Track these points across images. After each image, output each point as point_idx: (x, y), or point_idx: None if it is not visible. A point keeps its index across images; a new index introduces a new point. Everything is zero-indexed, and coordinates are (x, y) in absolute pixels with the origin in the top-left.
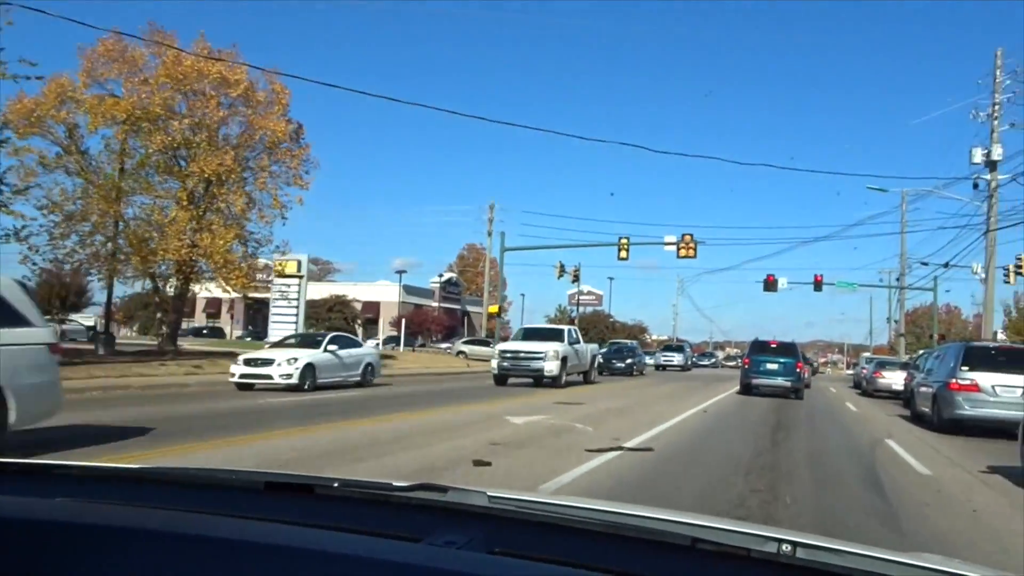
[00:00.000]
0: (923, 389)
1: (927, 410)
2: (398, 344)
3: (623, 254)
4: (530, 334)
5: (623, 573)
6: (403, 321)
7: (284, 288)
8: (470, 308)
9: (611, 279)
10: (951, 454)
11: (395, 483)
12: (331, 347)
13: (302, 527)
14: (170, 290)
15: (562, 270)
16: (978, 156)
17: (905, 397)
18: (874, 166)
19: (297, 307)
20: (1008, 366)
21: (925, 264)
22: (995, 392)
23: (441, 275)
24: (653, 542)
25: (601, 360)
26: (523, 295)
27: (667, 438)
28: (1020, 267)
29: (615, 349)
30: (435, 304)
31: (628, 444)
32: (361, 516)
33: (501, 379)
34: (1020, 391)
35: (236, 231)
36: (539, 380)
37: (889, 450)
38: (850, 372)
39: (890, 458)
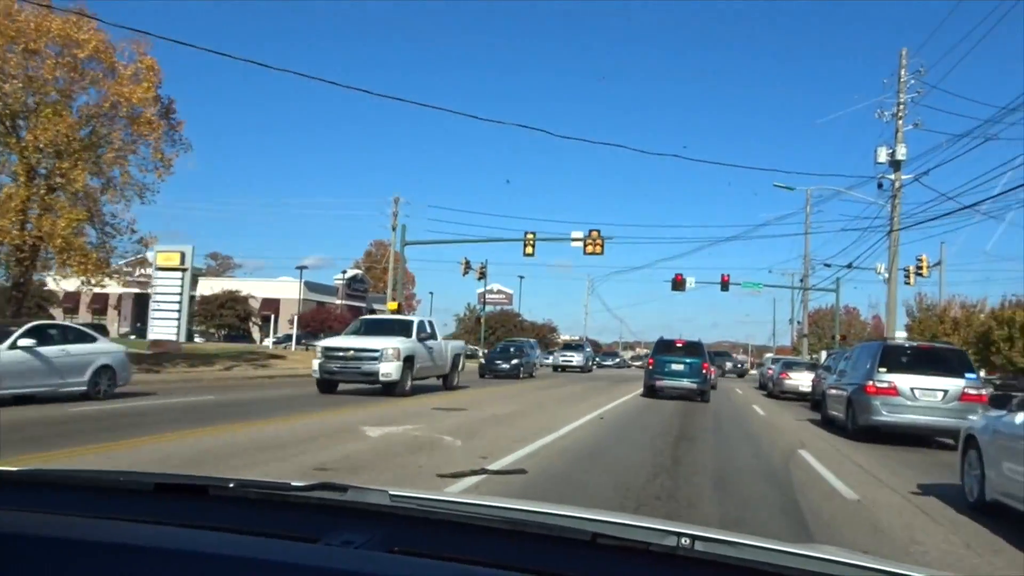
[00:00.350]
0: (835, 392)
1: (840, 415)
2: (291, 342)
3: (529, 250)
4: (371, 327)
5: (524, 569)
6: (296, 318)
7: (166, 283)
8: (376, 306)
9: (521, 278)
10: (873, 468)
11: (293, 483)
12: (25, 342)
13: (194, 529)
14: (5, 280)
15: (467, 266)
16: (883, 156)
17: (815, 399)
18: (783, 164)
19: (180, 303)
20: (927, 367)
21: (828, 266)
22: (914, 396)
23: (344, 272)
24: (554, 538)
25: (483, 361)
26: (431, 293)
27: (549, 454)
28: (920, 268)
29: (499, 349)
30: (339, 302)
31: (495, 465)
32: (257, 517)
33: (326, 385)
34: (941, 394)
35: (83, 213)
36: (389, 388)
37: (805, 465)
38: (754, 372)
39: (808, 476)
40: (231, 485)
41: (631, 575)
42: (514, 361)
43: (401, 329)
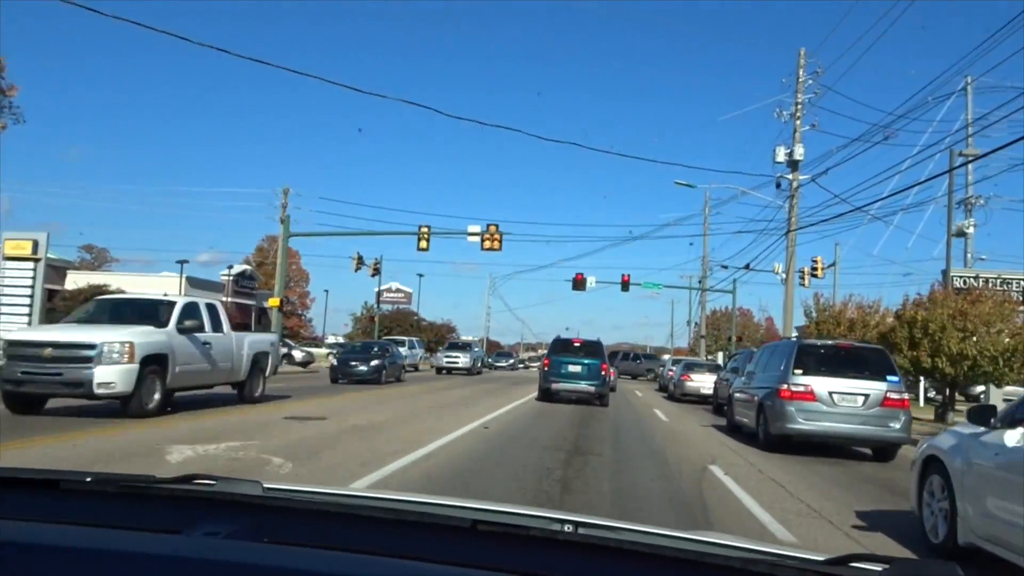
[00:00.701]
0: (743, 397)
1: (749, 422)
2: None
3: (423, 244)
4: (110, 311)
5: (402, 556)
6: None
7: (15, 274)
8: (267, 304)
9: (420, 276)
10: (798, 490)
11: (157, 476)
12: None
13: (45, 524)
14: None
15: (360, 262)
16: (781, 155)
17: (717, 403)
18: (686, 161)
19: (31, 296)
20: (846, 369)
21: (725, 267)
22: (833, 401)
23: (231, 267)
24: (434, 526)
25: (335, 363)
26: (326, 291)
27: (405, 480)
28: (815, 270)
29: (357, 347)
30: (226, 299)
31: None
32: (116, 511)
33: (16, 402)
34: (861, 399)
35: None
36: (122, 404)
37: (720, 487)
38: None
39: (727, 506)
40: (88, 480)
41: (511, 560)
42: (374, 362)
43: (149, 314)
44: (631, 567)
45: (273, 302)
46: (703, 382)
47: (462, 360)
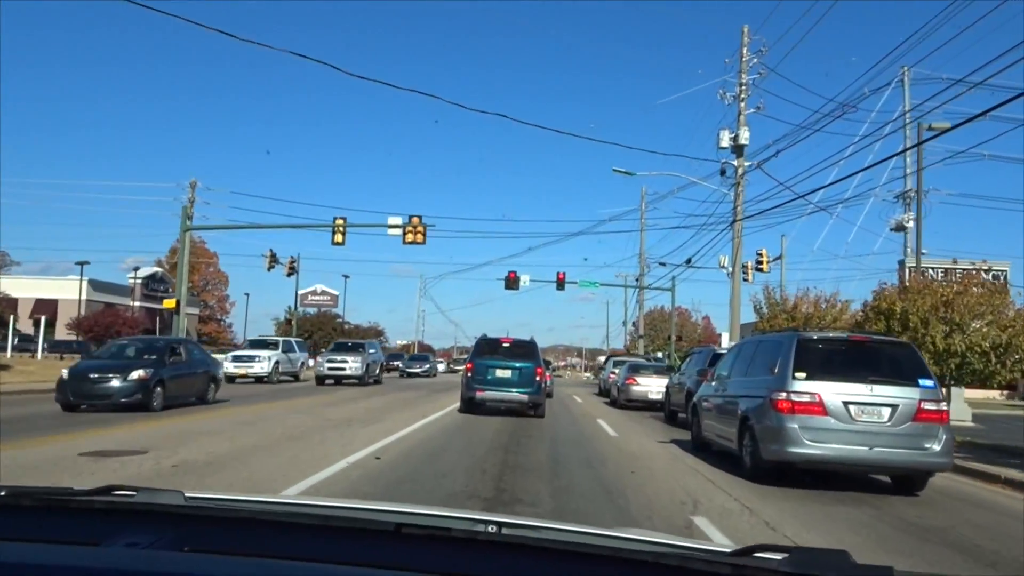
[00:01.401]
0: (716, 407)
1: (727, 442)
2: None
3: (339, 238)
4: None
5: (327, 561)
6: (43, 319)
7: None
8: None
9: (346, 277)
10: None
11: (76, 488)
12: None
13: None
14: None
15: (273, 260)
16: (725, 140)
17: (671, 410)
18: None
19: None
20: (863, 369)
21: (663, 264)
22: (850, 415)
23: (137, 268)
24: (359, 530)
25: (65, 377)
26: (247, 295)
27: None
28: (760, 263)
29: (110, 350)
30: (135, 303)
31: None
32: (31, 525)
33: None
34: (887, 411)
35: None
36: None
37: None
38: (588, 375)
39: None
40: (2, 493)
41: (435, 561)
42: (136, 375)
43: None
44: (551, 564)
45: (168, 303)
46: (651, 386)
47: (351, 365)
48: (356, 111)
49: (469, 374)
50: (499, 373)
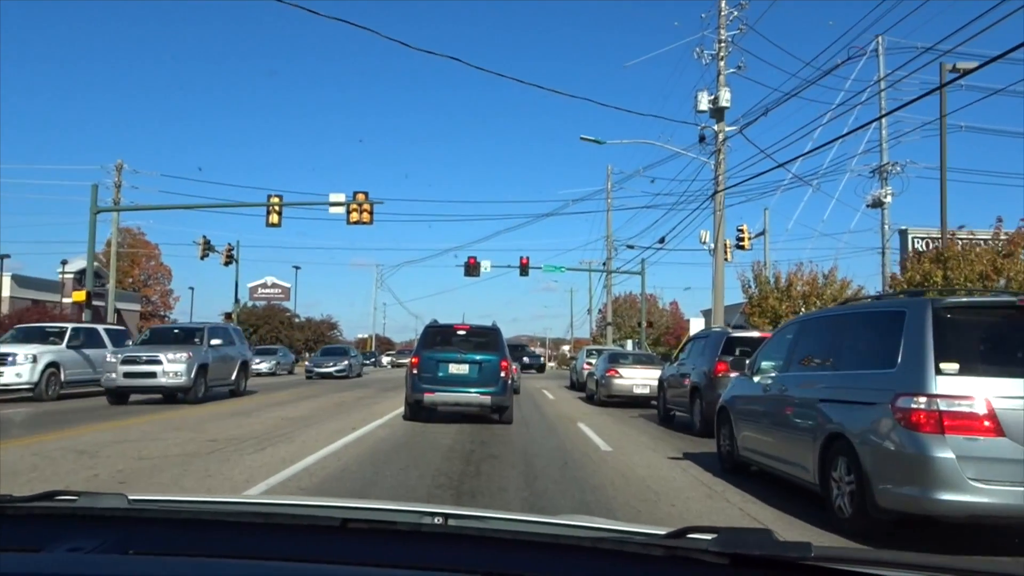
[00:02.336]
0: (757, 413)
1: (793, 469)
2: None
3: (274, 219)
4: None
5: (273, 558)
6: None
7: None
8: (120, 305)
9: (297, 268)
10: None
11: (14, 495)
12: None
13: None
14: None
15: (207, 247)
16: (704, 103)
17: (667, 409)
18: (590, 115)
19: None
20: None
21: (631, 247)
22: None
23: (64, 262)
24: (304, 527)
25: None
26: (191, 288)
27: None
28: (741, 240)
29: None
30: (67, 300)
31: None
32: None
33: None
34: None
35: None
36: None
37: None
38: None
39: None
40: None
41: (380, 554)
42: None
43: None
44: (494, 552)
45: (78, 296)
46: (635, 379)
47: (168, 367)
48: (294, 73)
49: (415, 371)
50: (453, 369)
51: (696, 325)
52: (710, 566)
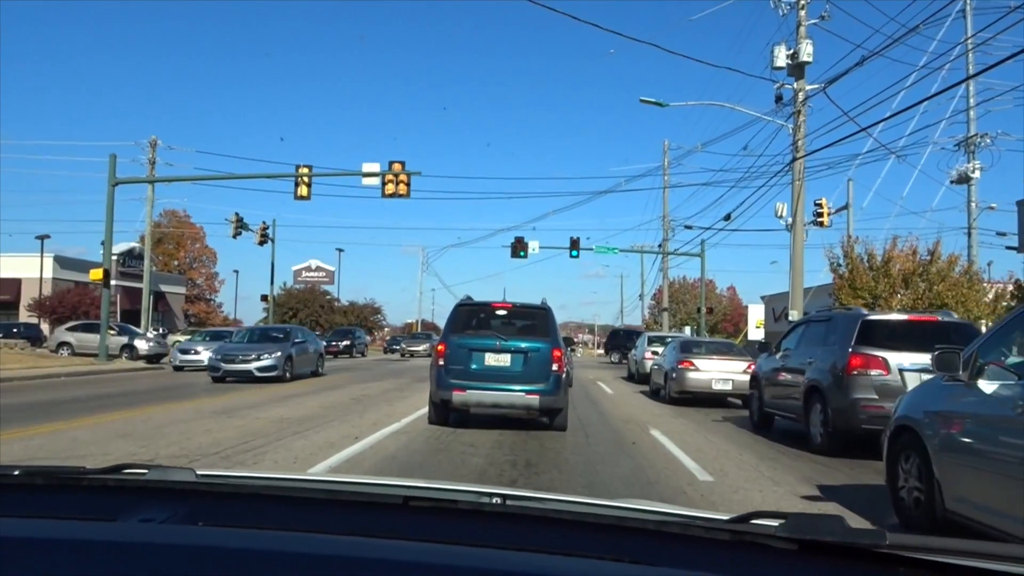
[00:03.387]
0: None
1: None
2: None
3: (303, 190)
4: None
5: (337, 533)
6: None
7: None
8: (165, 287)
9: (340, 251)
10: None
11: (88, 467)
12: None
13: None
14: None
15: (240, 224)
16: (781, 58)
17: (764, 411)
18: (652, 75)
19: None
20: None
21: (690, 227)
22: None
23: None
24: (367, 504)
25: None
26: (236, 271)
27: None
28: (820, 216)
29: None
30: (113, 282)
31: None
32: (46, 503)
33: None
34: None
35: None
36: None
37: None
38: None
39: None
40: (15, 472)
41: (442, 532)
42: None
43: None
44: (556, 533)
45: (95, 274)
46: (715, 372)
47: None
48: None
49: (441, 362)
50: (491, 360)
51: (755, 312)
52: (777, 552)
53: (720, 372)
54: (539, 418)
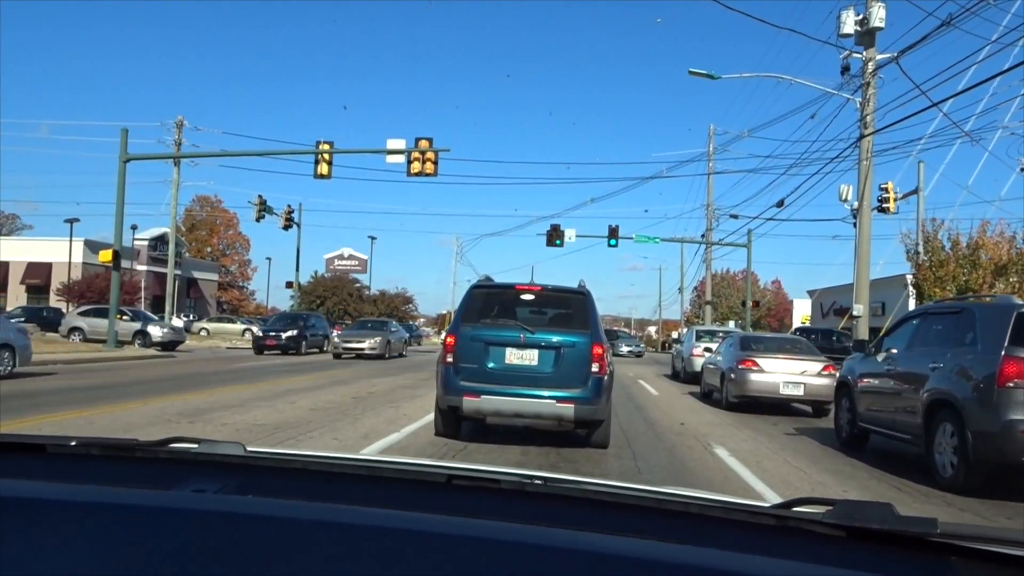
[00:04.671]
0: None
1: None
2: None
3: (324, 169)
4: None
5: (379, 508)
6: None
7: None
8: (198, 274)
9: (373, 239)
10: None
11: (141, 439)
12: None
13: (31, 481)
14: None
15: (263, 208)
16: (849, 23)
17: (860, 425)
18: (697, 57)
19: None
20: None
21: (735, 217)
22: None
23: (134, 227)
24: (411, 481)
25: None
26: (269, 259)
27: None
28: (886, 201)
29: None
30: (141, 267)
31: None
32: (102, 472)
33: None
34: None
35: None
36: None
37: None
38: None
39: None
40: (72, 443)
41: (485, 510)
42: None
43: None
44: (598, 513)
45: (104, 256)
46: (783, 373)
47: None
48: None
49: (449, 359)
50: (512, 358)
51: (801, 307)
52: (824, 538)
53: (789, 374)
54: (573, 429)
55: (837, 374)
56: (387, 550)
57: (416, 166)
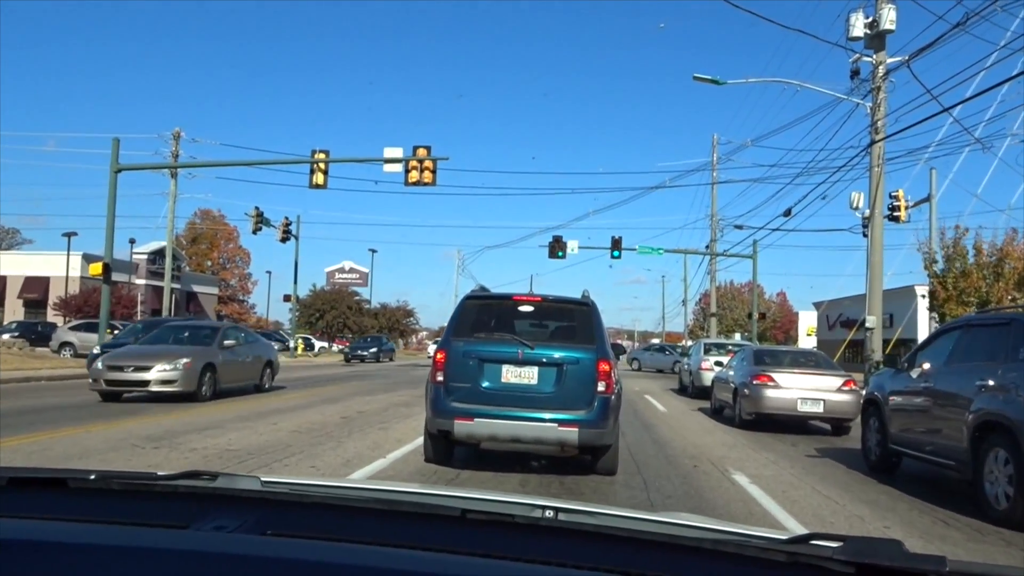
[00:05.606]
0: None
1: None
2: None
3: (319, 178)
4: None
5: (397, 545)
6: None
7: None
8: (197, 288)
9: (373, 252)
10: None
11: (159, 472)
12: None
13: (54, 521)
14: None
15: (260, 219)
16: (859, 26)
17: (890, 447)
18: (700, 64)
19: None
20: None
21: (740, 227)
22: None
23: (132, 240)
24: (426, 515)
25: None
26: (269, 272)
27: None
28: (896, 209)
29: None
30: (140, 281)
31: None
32: (122, 508)
33: None
34: None
35: None
36: None
37: None
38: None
39: None
40: (92, 477)
41: (498, 546)
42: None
43: None
44: (610, 549)
45: (95, 269)
46: (802, 391)
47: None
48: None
49: (440, 377)
50: (509, 376)
51: (806, 319)
52: (834, 574)
53: (807, 390)
54: (578, 455)
55: (859, 389)
56: None
57: (414, 175)
